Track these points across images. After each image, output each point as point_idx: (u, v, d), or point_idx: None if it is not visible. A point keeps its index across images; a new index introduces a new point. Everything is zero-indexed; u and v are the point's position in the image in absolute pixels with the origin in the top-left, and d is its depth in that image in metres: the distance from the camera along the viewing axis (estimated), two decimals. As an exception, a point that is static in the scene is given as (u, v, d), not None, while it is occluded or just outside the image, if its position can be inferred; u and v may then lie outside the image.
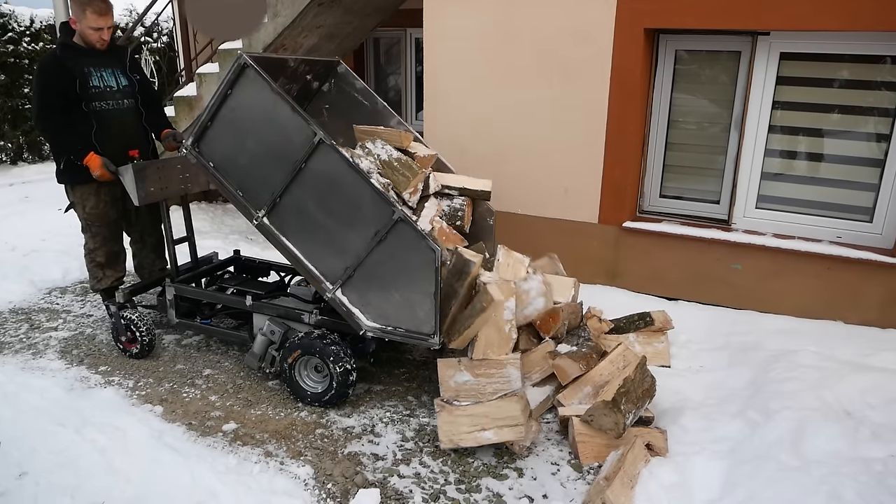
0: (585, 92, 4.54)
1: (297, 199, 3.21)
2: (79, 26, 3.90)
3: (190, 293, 3.98)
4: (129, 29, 8.24)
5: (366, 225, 3.09)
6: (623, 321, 3.93)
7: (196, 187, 4.21)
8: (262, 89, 3.08)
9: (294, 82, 3.96)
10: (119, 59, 4.10)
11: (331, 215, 3.17)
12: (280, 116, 3.09)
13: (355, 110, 4.21)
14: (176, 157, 4.08)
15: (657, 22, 4.28)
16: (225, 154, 3.30)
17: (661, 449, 2.94)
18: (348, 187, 3.08)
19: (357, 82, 4.14)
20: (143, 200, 3.83)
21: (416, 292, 3.08)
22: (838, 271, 4.10)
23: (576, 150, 4.68)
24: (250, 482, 2.79)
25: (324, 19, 5.70)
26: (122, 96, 4.06)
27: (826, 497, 2.40)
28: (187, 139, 3.33)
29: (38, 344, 4.14)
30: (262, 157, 3.22)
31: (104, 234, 4.23)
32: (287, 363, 3.44)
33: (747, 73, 4.26)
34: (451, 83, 5.02)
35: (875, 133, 4.11)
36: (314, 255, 3.27)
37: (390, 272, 3.13)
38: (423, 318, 3.10)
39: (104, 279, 4.34)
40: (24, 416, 3.18)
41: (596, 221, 4.76)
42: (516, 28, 4.65)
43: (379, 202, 3.03)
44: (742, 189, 4.47)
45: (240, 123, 3.21)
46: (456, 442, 2.96)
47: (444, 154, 4.21)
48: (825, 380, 3.14)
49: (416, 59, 7.68)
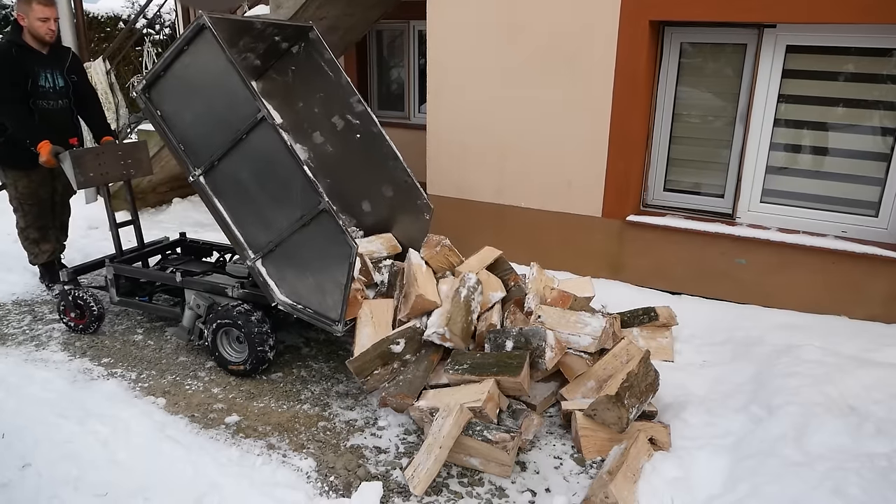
0: (589, 85, 4.52)
1: (234, 166, 3.35)
2: (26, 21, 4.15)
3: (127, 272, 4.13)
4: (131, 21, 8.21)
5: (292, 207, 3.24)
6: (627, 315, 3.92)
7: (139, 173, 4.41)
8: (217, 54, 3.14)
9: (260, 41, 3.98)
10: (60, 61, 4.40)
11: (262, 189, 3.32)
12: (229, 84, 3.17)
13: (320, 78, 4.23)
14: (116, 144, 4.36)
15: (662, 14, 4.25)
16: (172, 106, 3.41)
17: (665, 443, 2.94)
18: (282, 168, 3.20)
19: (326, 53, 4.14)
20: (81, 185, 4.05)
21: (328, 280, 3.24)
22: (843, 266, 4.08)
23: (579, 143, 4.66)
24: (253, 474, 2.79)
25: (326, 11, 5.67)
26: (58, 97, 4.38)
27: (830, 492, 2.38)
28: (139, 84, 3.40)
29: (41, 336, 4.14)
30: (206, 118, 3.33)
31: (34, 212, 4.58)
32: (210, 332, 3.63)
33: (753, 66, 4.23)
34: (454, 76, 4.99)
35: (881, 127, 4.08)
36: (242, 222, 3.44)
37: (308, 256, 3.29)
38: (331, 305, 3.27)
39: (41, 254, 4.71)
40: (27, 408, 3.18)
41: (599, 215, 4.74)
42: (520, 20, 4.63)
43: (308, 189, 3.15)
44: (747, 183, 4.45)
45: (191, 81, 3.31)
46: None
47: (447, 147, 4.18)
48: (829, 375, 3.13)
49: (419, 52, 7.65)
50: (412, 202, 4.15)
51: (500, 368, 3.05)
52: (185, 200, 6.87)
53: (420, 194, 4.11)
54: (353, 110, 4.19)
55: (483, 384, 3.01)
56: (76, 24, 6.29)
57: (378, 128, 4.15)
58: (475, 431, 2.80)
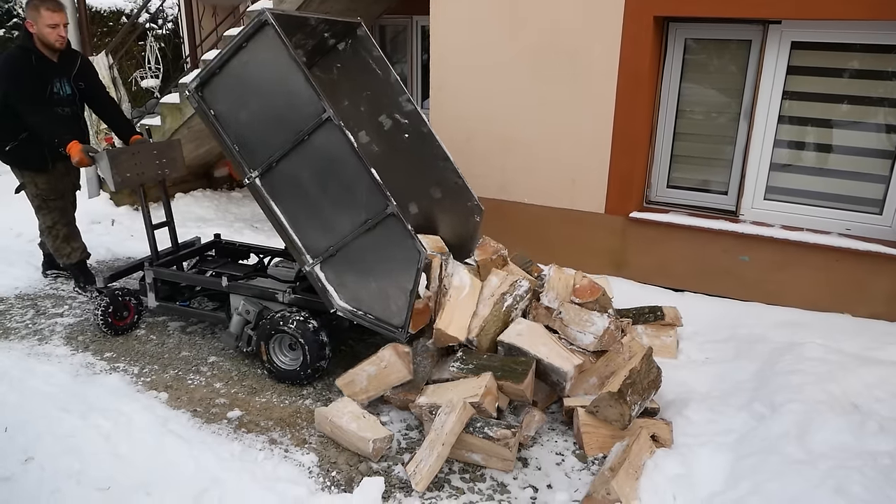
0: (593, 81, 4.50)
1: (294, 168, 3.19)
2: (35, 28, 4.08)
3: (168, 276, 4.03)
4: (133, 16, 8.20)
5: (357, 210, 3.10)
6: (633, 312, 3.91)
7: (174, 172, 4.28)
8: (279, 51, 3.00)
9: (311, 38, 3.87)
10: (68, 68, 4.32)
11: (324, 192, 3.17)
12: (291, 83, 3.03)
13: (367, 75, 4.10)
14: (152, 143, 4.24)
15: (667, 9, 4.24)
16: (228, 105, 3.24)
17: (667, 440, 2.93)
18: (347, 170, 3.06)
19: (374, 50, 4.02)
20: (118, 186, 3.91)
21: (393, 286, 3.10)
22: (847, 264, 4.07)
23: (583, 140, 4.65)
24: (255, 469, 2.79)
25: (330, 6, 5.67)
26: (68, 104, 4.33)
27: (832, 491, 2.38)
28: (192, 82, 3.27)
29: (44, 330, 4.14)
30: (265, 118, 3.18)
31: (60, 206, 4.49)
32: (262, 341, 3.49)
33: (758, 62, 4.21)
34: (457, 71, 4.98)
35: (886, 124, 4.06)
36: (300, 226, 3.29)
37: (372, 261, 3.16)
38: (395, 311, 3.13)
39: (73, 252, 4.58)
40: (30, 402, 3.19)
41: (603, 211, 4.73)
42: (523, 15, 4.61)
43: (375, 192, 3.01)
44: (750, 180, 4.43)
45: (249, 79, 3.14)
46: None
47: (450, 143, 4.15)
48: (832, 373, 3.12)
49: (423, 47, 7.62)
50: (462, 204, 4.01)
51: (505, 373, 3.04)
52: (187, 195, 6.86)
53: (471, 196, 3.98)
54: (402, 109, 4.04)
55: (481, 378, 3.00)
56: (79, 19, 6.29)
57: (428, 127, 4.01)
58: (476, 428, 2.80)
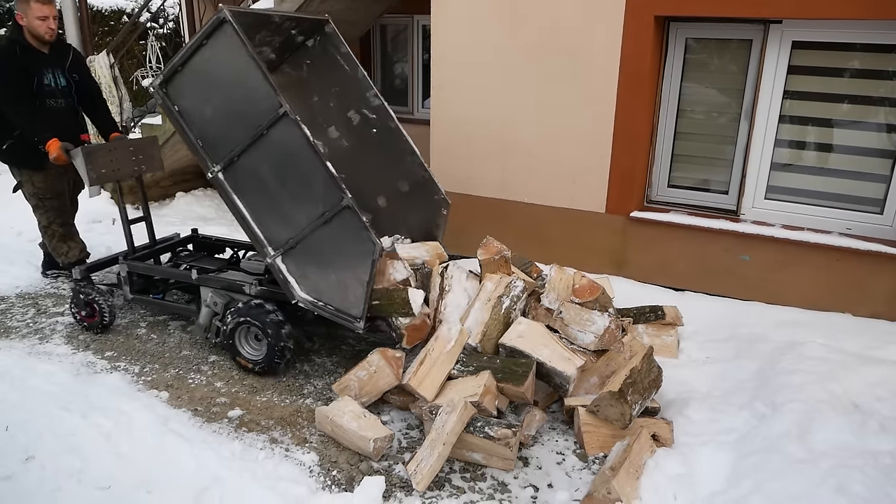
0: (594, 80, 4.50)
1: (254, 162, 3.29)
2: (25, 21, 4.13)
3: (140, 269, 4.08)
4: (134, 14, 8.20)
5: (314, 203, 3.18)
6: (634, 311, 3.91)
7: (150, 169, 4.37)
8: (238, 49, 3.09)
9: (277, 35, 3.93)
10: (61, 60, 4.36)
11: (283, 185, 3.26)
12: (250, 79, 3.12)
13: (335, 72, 4.17)
14: (128, 140, 4.31)
15: (667, 9, 4.23)
16: (191, 101, 3.35)
17: (667, 440, 2.93)
18: (304, 163, 3.15)
19: (342, 46, 4.09)
20: (94, 182, 3.99)
21: (350, 277, 3.19)
22: (847, 263, 4.07)
23: (584, 139, 4.64)
24: (255, 468, 2.79)
25: (330, 6, 5.66)
26: (62, 96, 4.36)
27: (833, 490, 2.38)
28: (156, 79, 3.36)
29: (45, 329, 4.15)
30: (226, 113, 3.28)
31: (56, 205, 4.54)
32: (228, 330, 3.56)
33: (758, 61, 4.21)
34: (457, 70, 4.97)
35: (886, 124, 4.06)
36: (261, 219, 3.39)
37: (330, 252, 3.24)
38: (354, 302, 3.22)
39: (70, 251, 4.63)
40: (31, 401, 3.19)
41: (603, 211, 4.73)
42: (524, 15, 4.61)
43: (330, 185, 3.09)
44: (751, 179, 4.43)
45: (210, 75, 3.26)
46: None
47: (451, 142, 4.16)
48: (833, 372, 3.12)
49: (423, 47, 7.62)
50: (429, 197, 4.09)
51: (505, 375, 3.04)
52: (188, 195, 6.87)
53: (437, 189, 4.05)
54: (370, 105, 4.12)
55: (479, 377, 3.00)
56: (80, 18, 6.30)
57: (395, 122, 4.08)
58: (476, 428, 2.80)
